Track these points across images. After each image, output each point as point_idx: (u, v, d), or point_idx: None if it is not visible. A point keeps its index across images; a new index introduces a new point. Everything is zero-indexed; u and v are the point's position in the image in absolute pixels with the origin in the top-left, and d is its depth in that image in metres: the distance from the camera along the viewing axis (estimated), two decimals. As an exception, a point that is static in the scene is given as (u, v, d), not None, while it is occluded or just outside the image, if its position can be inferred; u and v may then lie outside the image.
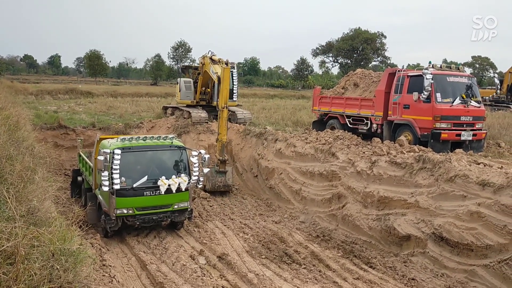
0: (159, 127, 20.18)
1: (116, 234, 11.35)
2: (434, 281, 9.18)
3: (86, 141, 17.85)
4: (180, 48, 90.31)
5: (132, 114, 25.37)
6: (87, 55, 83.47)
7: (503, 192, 8.89)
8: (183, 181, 11.11)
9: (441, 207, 9.91)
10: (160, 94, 42.48)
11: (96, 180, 11.68)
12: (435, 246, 9.78)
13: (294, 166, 14.96)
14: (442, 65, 14.18)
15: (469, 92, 13.51)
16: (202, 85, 20.79)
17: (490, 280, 8.59)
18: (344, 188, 12.67)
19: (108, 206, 10.83)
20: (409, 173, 11.07)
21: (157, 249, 10.75)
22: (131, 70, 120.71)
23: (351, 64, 73.90)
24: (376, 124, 15.14)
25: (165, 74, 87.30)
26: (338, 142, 14.59)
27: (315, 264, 10.09)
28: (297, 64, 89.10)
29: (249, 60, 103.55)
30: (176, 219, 11.55)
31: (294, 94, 56.38)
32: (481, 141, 13.78)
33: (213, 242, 11.23)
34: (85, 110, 26.95)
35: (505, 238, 8.48)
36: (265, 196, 15.65)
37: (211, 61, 17.65)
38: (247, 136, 18.10)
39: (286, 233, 12.07)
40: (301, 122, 22.05)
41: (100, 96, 37.89)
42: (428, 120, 13.16)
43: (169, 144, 11.57)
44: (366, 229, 11.44)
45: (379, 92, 14.97)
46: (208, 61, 18.05)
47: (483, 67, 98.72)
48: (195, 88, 21.17)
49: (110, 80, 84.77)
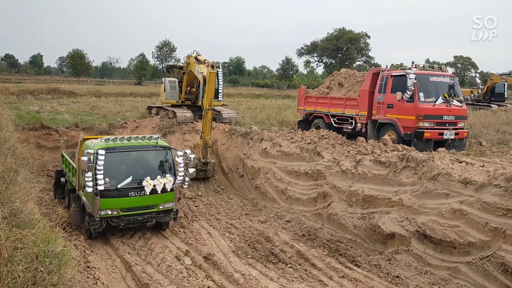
0: (144, 127, 20.03)
1: (100, 236, 11.23)
2: (418, 279, 9.29)
3: (69, 142, 17.61)
4: (165, 47, 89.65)
5: (116, 114, 25.09)
6: (70, 55, 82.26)
7: (485, 190, 9.05)
8: (168, 182, 11.06)
9: (424, 205, 10.06)
10: (145, 93, 42.10)
11: (79, 181, 11.55)
12: (419, 244, 9.91)
13: (280, 165, 15.01)
14: (425, 65, 14.37)
15: (451, 91, 13.73)
16: (187, 84, 20.69)
17: (472, 276, 8.74)
18: (330, 187, 12.75)
19: (92, 207, 10.71)
20: (393, 172, 11.20)
21: (142, 250, 10.67)
22: (114, 70, 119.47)
23: (336, 64, 74.32)
24: (360, 124, 15.27)
25: (150, 74, 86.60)
26: (323, 141, 14.68)
27: (301, 263, 10.13)
28: (282, 64, 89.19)
29: (234, 60, 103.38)
30: (161, 219, 11.49)
31: (279, 94, 56.45)
32: (463, 140, 14.00)
33: (198, 243, 11.19)
34: (68, 110, 26.58)
35: (487, 235, 8.64)
36: (251, 196, 15.66)
37: (196, 60, 17.62)
38: (232, 136, 18.08)
39: (272, 233, 12.09)
40: (286, 122, 22.11)
41: (83, 96, 37.39)
42: (411, 119, 13.33)
43: (154, 144, 11.50)
44: (351, 228, 11.53)
45: (363, 91, 15.11)
46: (193, 61, 18.00)
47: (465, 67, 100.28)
48: (180, 88, 21.06)
49: (94, 80, 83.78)
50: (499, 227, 8.42)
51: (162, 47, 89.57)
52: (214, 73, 15.95)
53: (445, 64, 15.40)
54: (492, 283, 8.40)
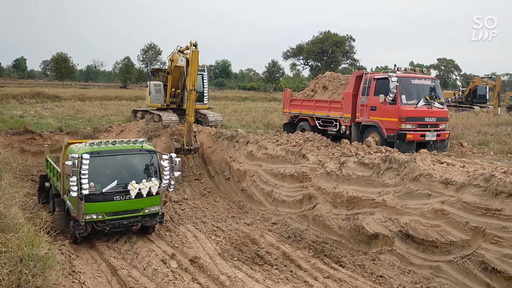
0: (129, 130, 19.96)
1: (85, 240, 11.19)
2: (401, 278, 9.45)
3: (53, 146, 17.48)
4: (150, 50, 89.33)
5: (101, 118, 24.93)
6: (54, 58, 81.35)
7: (465, 190, 9.26)
8: (154, 185, 11.07)
9: (407, 205, 10.24)
10: (130, 97, 41.90)
11: (64, 185, 11.50)
12: (402, 244, 10.08)
13: (266, 168, 15.11)
14: (406, 68, 14.64)
15: (432, 94, 14.01)
16: (172, 86, 20.61)
17: (454, 275, 8.92)
18: (315, 189, 12.88)
19: (76, 212, 10.67)
20: (376, 173, 11.37)
21: (127, 254, 10.66)
22: (99, 73, 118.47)
23: (322, 67, 74.93)
24: (344, 126, 15.47)
25: (135, 77, 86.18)
26: (308, 143, 14.83)
27: (287, 265, 10.22)
28: (268, 67, 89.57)
29: (220, 63, 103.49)
30: (147, 223, 11.49)
31: (265, 97, 56.63)
32: (444, 141, 14.27)
33: (184, 246, 11.22)
34: (52, 114, 26.33)
35: (467, 234, 8.84)
36: (237, 199, 15.72)
37: (179, 53, 17.60)
38: (218, 139, 18.13)
39: (258, 235, 12.17)
40: (272, 125, 22.24)
41: (67, 100, 37.02)
42: (394, 121, 13.56)
43: (139, 148, 11.50)
44: (336, 229, 11.67)
45: (347, 94, 15.31)
46: (177, 56, 18.01)
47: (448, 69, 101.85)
48: (165, 91, 21.01)
49: (78, 83, 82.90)
50: (479, 226, 8.62)
51: (147, 50, 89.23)
52: (196, 52, 15.65)
53: (427, 67, 15.74)
54: (472, 281, 8.58)
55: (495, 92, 36.03)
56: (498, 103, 36.00)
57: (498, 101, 35.96)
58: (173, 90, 20.71)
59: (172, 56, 19.12)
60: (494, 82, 37.14)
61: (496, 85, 36.39)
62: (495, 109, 35.65)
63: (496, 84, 36.56)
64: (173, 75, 19.89)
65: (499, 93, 36.36)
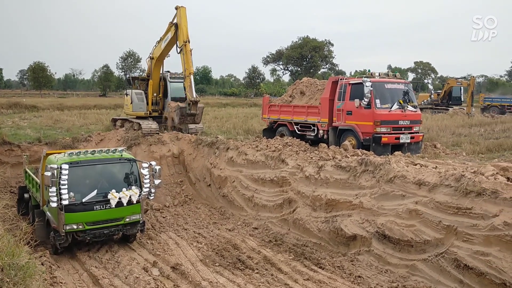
0: (109, 139, 19.88)
1: (66, 250, 11.16)
2: (378, 277, 9.71)
3: (32, 157, 17.32)
4: (129, 58, 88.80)
5: (80, 127, 24.72)
6: (31, 67, 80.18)
7: (437, 190, 9.58)
8: (134, 194, 11.12)
9: (383, 206, 10.52)
10: (109, 105, 41.57)
11: (44, 196, 11.46)
12: (379, 244, 10.35)
13: (246, 173, 15.27)
14: (380, 73, 15.03)
15: (406, 97, 14.42)
16: (153, 90, 20.69)
17: (429, 273, 9.20)
18: (294, 193, 13.10)
19: (57, 222, 10.65)
20: (353, 176, 11.65)
21: (109, 263, 10.68)
22: (78, 82, 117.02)
23: (301, 72, 75.65)
24: (322, 130, 15.76)
25: (114, 85, 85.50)
26: (287, 148, 15.06)
27: (268, 268, 10.38)
28: (248, 72, 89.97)
29: (200, 69, 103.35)
30: (128, 232, 11.52)
31: (246, 102, 56.86)
32: (418, 143, 14.68)
33: (166, 253, 11.29)
34: (30, 124, 25.98)
35: (441, 233, 9.14)
36: (219, 205, 15.84)
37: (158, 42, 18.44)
38: (199, 146, 18.23)
39: (240, 240, 12.31)
40: (252, 130, 22.43)
41: (45, 110, 36.56)
42: (369, 125, 13.89)
43: (118, 157, 11.54)
44: (316, 232, 11.90)
45: (324, 99, 15.61)
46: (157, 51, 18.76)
47: (425, 72, 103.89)
48: (147, 99, 21.03)
49: (56, 93, 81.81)
50: (451, 224, 8.92)
51: (126, 57, 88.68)
52: (183, 8, 17.02)
53: (399, 72, 16.17)
54: (446, 278, 8.87)
55: (469, 92, 37.03)
56: (471, 103, 36.96)
57: (471, 100, 36.93)
58: (155, 96, 20.75)
59: (152, 54, 19.36)
60: (468, 82, 38.12)
61: (471, 85, 37.39)
62: (467, 108, 36.64)
63: (470, 83, 37.54)
64: (154, 79, 19.97)
65: (472, 92, 37.38)
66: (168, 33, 18.01)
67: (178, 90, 20.85)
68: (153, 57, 19.49)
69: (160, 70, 20.31)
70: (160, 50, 19.24)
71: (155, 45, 19.70)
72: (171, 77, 21.08)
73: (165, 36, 18.42)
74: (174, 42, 17.99)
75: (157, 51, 19.48)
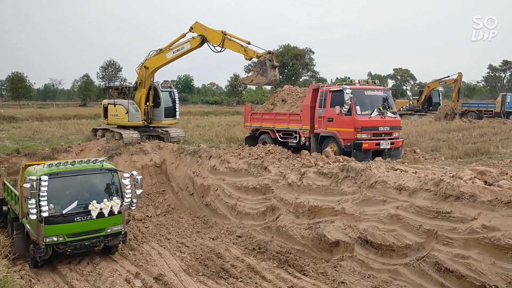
0: (89, 150, 19.66)
1: (46, 263, 10.96)
2: (361, 283, 9.78)
3: (10, 169, 17.02)
4: (110, 67, 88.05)
5: (60, 138, 24.33)
6: (9, 78, 78.71)
7: (417, 194, 9.73)
8: (116, 204, 11.01)
9: (364, 212, 10.63)
10: (90, 115, 41.11)
11: (23, 208, 11.24)
12: (361, 249, 10.43)
13: (229, 181, 15.25)
14: (360, 80, 15.23)
15: (385, 104, 14.63)
16: (145, 100, 20.61)
17: (411, 277, 9.31)
18: (277, 200, 13.13)
19: (36, 235, 10.46)
20: (335, 182, 11.74)
21: (90, 275, 10.52)
22: (58, 92, 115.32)
23: (283, 79, 75.97)
24: (304, 137, 15.86)
25: (95, 95, 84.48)
26: (269, 156, 15.10)
27: (252, 277, 10.36)
28: (230, 81, 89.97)
29: (182, 78, 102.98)
30: (109, 243, 11.38)
31: (228, 110, 56.87)
32: (398, 149, 14.88)
33: (149, 264, 11.17)
34: (8, 136, 25.50)
35: (421, 237, 9.27)
36: (202, 214, 15.77)
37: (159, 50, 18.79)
38: (181, 154, 18.15)
39: (223, 249, 12.27)
40: (234, 138, 22.43)
41: (24, 121, 35.94)
42: (350, 131, 14.05)
43: (99, 167, 11.42)
44: (299, 238, 11.93)
45: (305, 107, 15.72)
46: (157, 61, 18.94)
47: (404, 79, 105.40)
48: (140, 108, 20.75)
49: (36, 103, 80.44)
50: (432, 228, 9.06)
51: (107, 67, 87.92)
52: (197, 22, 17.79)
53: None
54: (428, 281, 8.98)
55: (456, 88, 37.71)
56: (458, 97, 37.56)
57: (457, 96, 37.56)
58: (147, 105, 20.64)
59: (146, 63, 19.27)
60: (455, 78, 38.55)
61: (458, 80, 38.00)
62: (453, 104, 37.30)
63: (457, 79, 38.11)
64: (146, 86, 19.96)
65: (459, 88, 38.01)
66: (184, 44, 18.32)
67: (167, 99, 21.12)
68: (149, 66, 19.39)
69: (151, 79, 20.26)
70: (165, 60, 19.20)
71: (150, 55, 19.50)
72: (163, 86, 21.11)
73: (177, 47, 18.50)
74: (193, 49, 18.40)
75: (156, 61, 19.33)
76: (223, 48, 17.36)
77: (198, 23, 17.91)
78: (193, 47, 18.22)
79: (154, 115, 21.04)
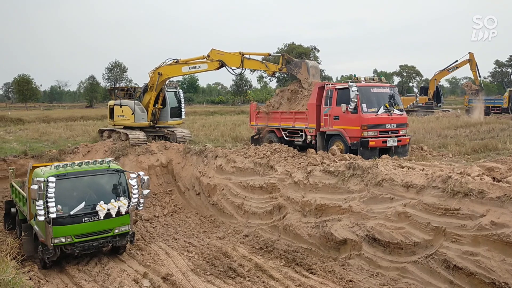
0: (96, 151, 19.73)
1: (55, 264, 11.02)
2: (370, 281, 9.75)
3: (18, 171, 17.08)
4: (115, 68, 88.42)
5: (66, 139, 24.46)
6: (16, 80, 79.46)
7: (425, 192, 9.67)
8: (123, 205, 11.05)
9: (372, 210, 10.59)
10: (96, 116, 41.31)
11: (31, 210, 11.31)
12: (369, 248, 10.40)
13: (235, 181, 15.25)
14: (365, 78, 15.15)
15: (391, 101, 14.54)
16: (153, 102, 20.74)
17: (419, 275, 9.28)
18: (284, 199, 13.11)
19: (45, 236, 10.52)
20: (342, 180, 11.70)
21: (99, 276, 10.56)
22: (64, 93, 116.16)
23: (288, 78, 75.85)
24: (310, 136, 15.81)
25: (101, 96, 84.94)
26: (275, 155, 15.07)
27: (259, 276, 10.36)
28: (235, 80, 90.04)
29: (187, 78, 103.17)
30: (117, 243, 11.42)
31: (234, 110, 56.92)
32: (405, 146, 14.79)
33: (157, 264, 11.21)
34: (15, 138, 25.65)
35: (430, 234, 9.22)
36: (209, 213, 15.78)
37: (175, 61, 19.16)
38: (187, 154, 18.18)
39: (230, 248, 12.27)
40: (240, 138, 22.41)
41: (31, 123, 36.19)
42: (356, 129, 13.98)
43: (106, 168, 11.46)
44: (306, 237, 11.90)
45: (311, 105, 15.67)
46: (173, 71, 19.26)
47: (410, 75, 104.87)
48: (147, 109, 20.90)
49: (42, 105, 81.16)
50: (440, 226, 9.02)
51: (112, 68, 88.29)
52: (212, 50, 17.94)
53: (384, 76, 16.31)
54: (437, 279, 8.95)
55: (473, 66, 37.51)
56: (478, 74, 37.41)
57: (478, 72, 37.35)
58: (155, 107, 20.76)
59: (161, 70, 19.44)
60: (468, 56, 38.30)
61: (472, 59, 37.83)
62: (476, 80, 37.16)
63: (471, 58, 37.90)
64: (158, 89, 20.25)
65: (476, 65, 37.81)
66: (202, 64, 18.67)
67: (172, 99, 21.35)
68: (162, 73, 19.56)
69: (164, 84, 20.52)
70: (179, 73, 19.84)
71: (166, 63, 19.66)
72: (168, 87, 21.28)
73: (194, 64, 18.84)
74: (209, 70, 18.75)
75: (171, 71, 19.64)
76: (243, 68, 17.40)
77: (214, 50, 18.00)
78: (210, 69, 18.42)
79: (159, 116, 21.20)
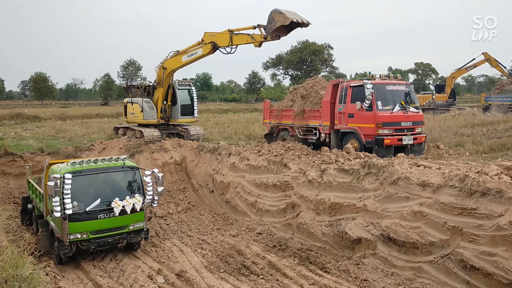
0: (111, 148, 19.89)
1: (70, 260, 11.15)
2: (384, 280, 9.66)
3: (35, 167, 17.33)
4: (130, 66, 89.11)
5: (82, 136, 24.75)
6: (33, 78, 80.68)
7: (441, 191, 9.54)
8: (138, 202, 11.12)
9: (387, 209, 10.48)
10: (111, 114, 41.68)
11: (47, 206, 11.46)
12: (384, 247, 10.30)
13: (249, 179, 15.25)
14: (380, 75, 15.00)
15: (407, 99, 14.36)
16: (162, 98, 20.80)
17: (435, 275, 9.16)
18: (297, 197, 13.06)
19: (60, 232, 10.64)
20: (356, 179, 11.61)
21: (114, 272, 10.65)
22: (79, 91, 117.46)
23: (301, 76, 75.63)
24: (324, 134, 15.72)
25: (116, 94, 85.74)
26: (289, 153, 15.02)
27: (273, 274, 10.33)
28: (249, 78, 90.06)
29: (201, 76, 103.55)
30: (132, 240, 11.50)
31: (247, 108, 56.92)
32: (421, 144, 14.61)
33: (171, 260, 11.26)
34: (32, 135, 26.04)
35: (446, 234, 9.10)
36: (222, 211, 15.81)
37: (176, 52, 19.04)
38: (201, 152, 18.24)
39: (244, 246, 12.27)
40: (253, 135, 22.41)
41: (48, 120, 36.66)
42: (371, 127, 13.84)
43: (121, 165, 11.54)
44: (320, 236, 11.85)
45: (325, 103, 15.57)
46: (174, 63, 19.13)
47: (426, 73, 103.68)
48: (156, 107, 21.02)
49: (58, 103, 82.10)
50: (457, 225, 8.89)
51: (127, 66, 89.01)
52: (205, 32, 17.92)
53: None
54: (453, 279, 8.83)
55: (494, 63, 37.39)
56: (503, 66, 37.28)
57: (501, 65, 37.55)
58: (164, 104, 20.84)
59: (165, 64, 19.50)
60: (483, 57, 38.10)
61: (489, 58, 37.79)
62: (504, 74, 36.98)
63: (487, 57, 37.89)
64: (164, 85, 20.18)
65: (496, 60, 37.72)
66: (197, 50, 18.52)
67: (185, 97, 21.37)
68: (167, 67, 19.62)
69: (170, 79, 20.50)
70: (180, 63, 19.48)
71: (169, 56, 19.73)
72: (179, 85, 21.34)
73: (191, 51, 18.74)
74: (205, 55, 18.56)
75: (173, 63, 19.61)
76: (233, 46, 17.32)
77: (206, 33, 18.01)
78: (205, 53, 18.32)
79: (171, 113, 21.26)
